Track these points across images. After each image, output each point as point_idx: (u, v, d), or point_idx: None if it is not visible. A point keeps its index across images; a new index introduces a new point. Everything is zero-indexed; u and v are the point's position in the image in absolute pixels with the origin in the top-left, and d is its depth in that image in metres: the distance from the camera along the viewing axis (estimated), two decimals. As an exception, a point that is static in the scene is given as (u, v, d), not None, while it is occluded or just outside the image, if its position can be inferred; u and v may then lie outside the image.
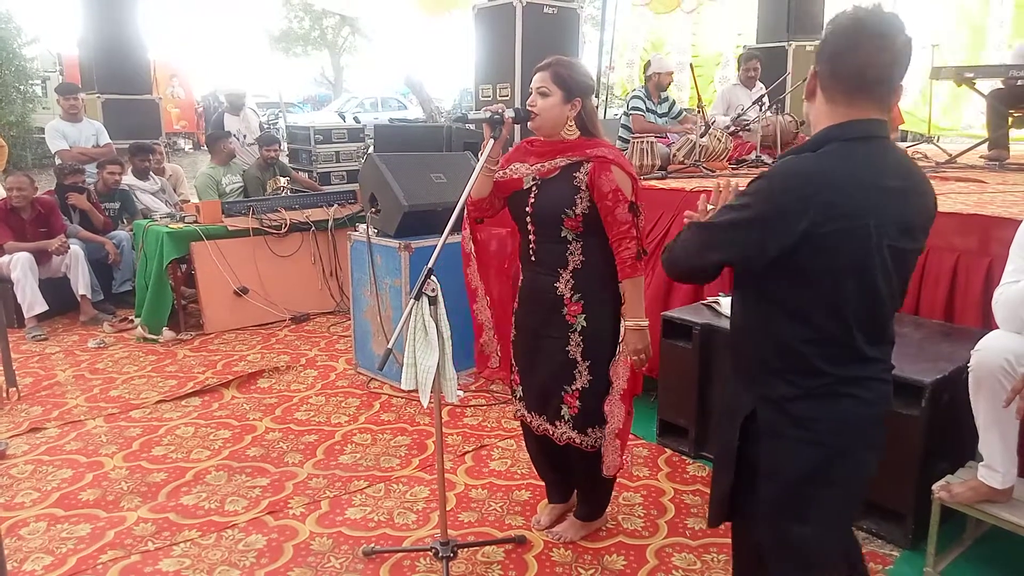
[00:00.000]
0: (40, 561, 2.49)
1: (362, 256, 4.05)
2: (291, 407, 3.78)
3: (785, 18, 7.57)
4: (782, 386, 1.51)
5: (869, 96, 1.43)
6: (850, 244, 1.41)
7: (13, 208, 5.11)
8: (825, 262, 1.42)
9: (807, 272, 1.43)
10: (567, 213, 2.21)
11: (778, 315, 1.49)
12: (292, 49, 30.25)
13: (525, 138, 2.35)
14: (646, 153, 4.40)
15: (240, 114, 7.12)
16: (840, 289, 1.43)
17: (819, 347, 1.46)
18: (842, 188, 1.40)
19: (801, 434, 1.50)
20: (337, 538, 2.61)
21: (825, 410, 1.49)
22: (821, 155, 1.43)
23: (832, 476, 1.51)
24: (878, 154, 1.45)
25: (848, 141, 1.43)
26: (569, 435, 2.35)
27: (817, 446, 1.50)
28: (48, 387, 4.09)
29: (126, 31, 7.03)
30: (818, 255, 1.41)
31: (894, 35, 1.40)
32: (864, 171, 1.42)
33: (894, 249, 1.45)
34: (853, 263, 1.42)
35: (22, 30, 15.20)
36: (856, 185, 1.41)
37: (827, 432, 1.49)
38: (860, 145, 1.43)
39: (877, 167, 1.44)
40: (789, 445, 1.51)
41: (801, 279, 1.44)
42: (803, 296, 1.46)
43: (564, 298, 2.28)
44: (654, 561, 2.47)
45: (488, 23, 5.52)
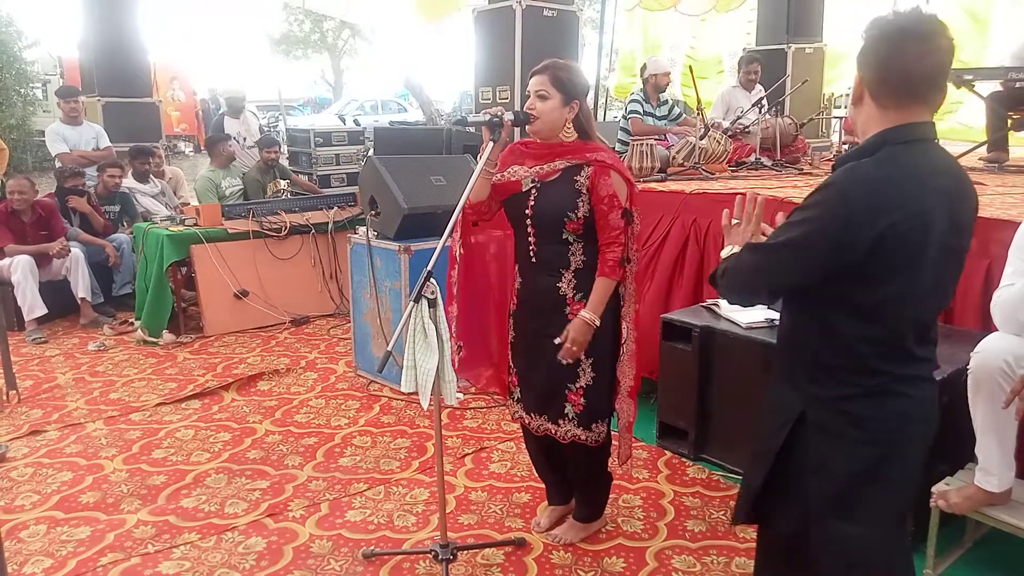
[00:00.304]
0: (40, 564, 2.50)
1: (362, 259, 4.06)
2: (291, 410, 3.78)
3: (784, 20, 7.59)
4: (836, 386, 1.52)
5: (918, 99, 1.45)
6: (912, 245, 1.42)
7: (14, 211, 5.12)
8: (891, 263, 1.42)
9: (872, 274, 1.43)
10: (569, 216, 2.23)
11: (838, 316, 1.49)
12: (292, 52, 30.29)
13: (518, 140, 2.34)
14: (645, 156, 4.41)
15: (240, 117, 7.12)
16: (902, 288, 1.45)
17: (876, 346, 1.48)
18: (906, 191, 1.42)
19: (854, 433, 1.51)
20: (337, 540, 2.61)
21: (879, 409, 1.50)
22: (880, 160, 1.44)
23: (883, 475, 1.52)
24: (930, 156, 1.47)
25: (902, 144, 1.44)
26: (574, 432, 2.36)
27: (870, 445, 1.51)
28: (48, 390, 4.09)
29: (126, 34, 7.05)
30: (885, 257, 1.41)
31: (937, 37, 1.41)
32: (920, 173, 1.44)
33: (946, 248, 1.46)
34: (913, 263, 1.43)
35: (23, 33, 15.24)
36: (916, 188, 1.42)
37: (880, 431, 1.50)
38: (914, 148, 1.45)
39: (931, 168, 1.46)
40: (841, 444, 1.52)
41: (865, 281, 1.45)
42: (865, 297, 1.46)
43: (567, 298, 2.29)
44: (654, 563, 2.47)
45: (488, 26, 5.53)
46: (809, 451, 1.57)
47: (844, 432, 1.52)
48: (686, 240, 3.72)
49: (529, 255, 2.33)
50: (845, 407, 1.52)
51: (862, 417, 1.51)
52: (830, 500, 1.55)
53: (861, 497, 1.53)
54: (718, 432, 3.11)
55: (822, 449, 1.55)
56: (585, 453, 2.42)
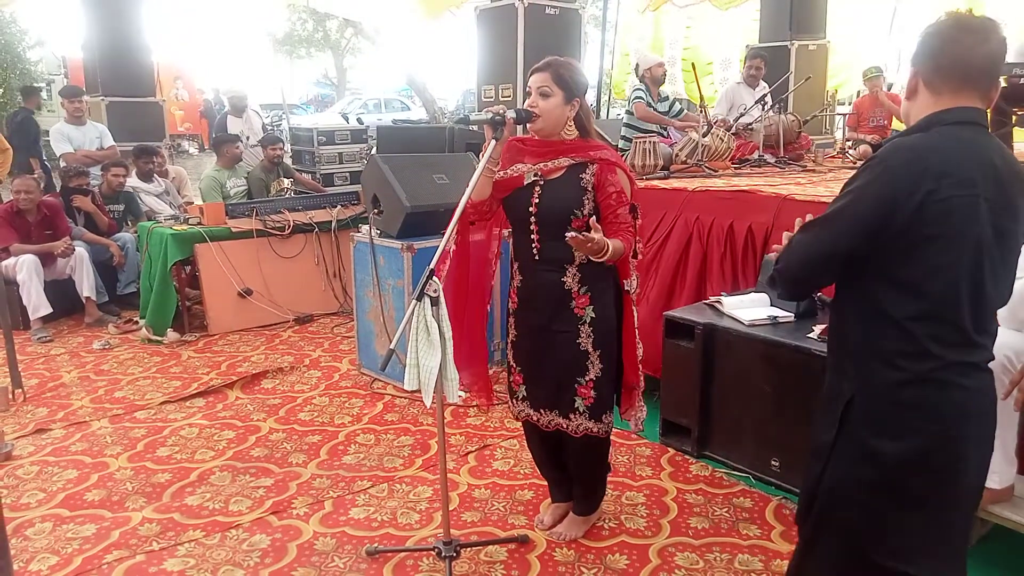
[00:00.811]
0: (46, 561, 2.51)
1: (365, 257, 4.06)
2: (295, 408, 3.79)
3: (788, 17, 7.57)
4: (887, 371, 1.50)
5: (973, 87, 1.49)
6: (961, 213, 1.43)
7: (19, 210, 5.14)
8: (938, 230, 1.43)
9: (920, 243, 1.44)
10: (576, 214, 2.24)
11: (888, 291, 1.49)
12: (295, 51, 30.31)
13: (514, 137, 2.35)
14: (648, 153, 4.41)
15: (243, 116, 7.14)
16: (950, 259, 1.44)
17: (928, 325, 1.46)
18: (950, 159, 1.44)
19: (903, 420, 1.50)
20: (341, 538, 2.62)
21: (929, 397, 1.48)
22: (929, 134, 1.49)
23: (933, 465, 1.50)
24: (979, 135, 1.50)
25: (952, 124, 1.48)
26: (586, 425, 2.37)
27: (921, 434, 1.49)
28: (53, 388, 4.11)
29: (130, 34, 7.06)
30: (928, 223, 1.42)
31: (990, 31, 1.48)
32: (967, 146, 1.47)
33: (999, 226, 1.47)
34: (963, 232, 1.43)
35: (26, 33, 15.27)
36: (961, 157, 1.45)
37: (929, 420, 1.49)
38: (964, 128, 1.48)
39: (979, 145, 1.48)
40: (889, 430, 1.51)
41: (913, 251, 1.45)
42: (910, 269, 1.46)
43: (572, 292, 2.31)
44: (657, 560, 2.47)
45: (490, 24, 5.54)
46: (857, 438, 1.55)
47: (890, 419, 1.51)
48: (689, 238, 3.72)
49: (532, 252, 2.34)
50: (892, 394, 1.50)
51: (909, 404, 1.49)
52: (875, 485, 1.54)
53: (907, 485, 1.51)
54: (721, 429, 3.11)
55: (868, 435, 1.53)
56: (591, 446, 2.44)
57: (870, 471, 1.54)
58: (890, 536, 1.55)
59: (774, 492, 2.87)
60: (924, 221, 1.42)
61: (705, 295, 3.53)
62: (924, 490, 1.52)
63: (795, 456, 2.79)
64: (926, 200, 1.41)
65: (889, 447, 1.51)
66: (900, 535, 1.55)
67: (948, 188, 1.41)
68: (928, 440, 1.49)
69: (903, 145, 1.50)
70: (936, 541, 1.56)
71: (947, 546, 1.57)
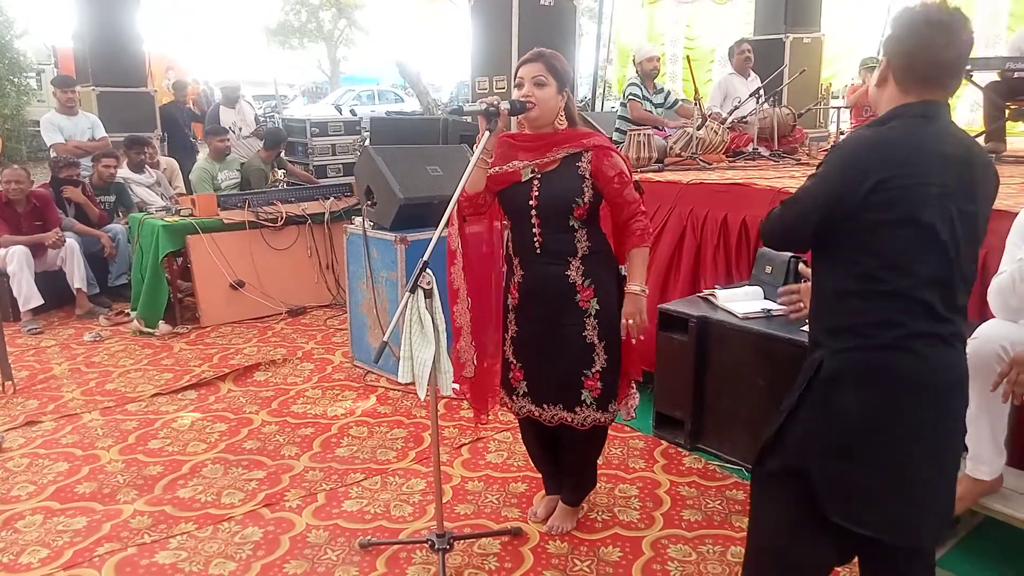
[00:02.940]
0: (36, 554, 2.50)
1: (358, 249, 4.05)
2: (287, 400, 3.78)
3: (783, 10, 7.56)
4: (855, 339, 1.59)
5: (937, 84, 1.60)
6: (912, 200, 1.54)
7: (9, 201, 5.09)
8: (893, 215, 1.54)
9: (877, 227, 1.55)
10: (577, 202, 2.25)
11: (854, 270, 1.59)
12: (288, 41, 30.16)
13: (503, 134, 2.33)
14: (643, 146, 4.40)
15: (235, 106, 7.09)
16: (908, 241, 1.54)
17: (894, 299, 1.56)
18: (903, 150, 1.56)
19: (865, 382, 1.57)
20: (333, 530, 2.62)
21: (891, 362, 1.56)
22: (886, 128, 1.61)
23: (889, 426, 1.57)
24: (938, 128, 1.60)
25: (913, 117, 1.59)
26: (594, 416, 2.39)
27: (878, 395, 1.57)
28: (44, 380, 4.08)
29: (121, 23, 7.00)
30: (886, 210, 1.54)
31: (960, 30, 1.57)
32: (925, 139, 1.57)
33: (961, 211, 1.56)
34: (916, 217, 1.53)
35: (14, 22, 15.11)
36: (917, 150, 1.56)
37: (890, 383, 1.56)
38: (924, 120, 1.59)
39: (939, 138, 1.58)
40: (850, 391, 1.58)
41: (873, 234, 1.55)
42: (877, 250, 1.56)
43: (576, 284, 2.31)
44: (650, 553, 2.47)
45: (485, 15, 5.52)
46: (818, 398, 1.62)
47: (856, 381, 1.58)
48: (683, 230, 3.71)
49: (533, 246, 2.32)
50: (861, 358, 1.58)
51: (877, 368, 1.57)
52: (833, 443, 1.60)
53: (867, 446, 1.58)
54: (714, 422, 3.12)
55: (833, 396, 1.60)
56: (593, 437, 2.47)
57: (829, 429, 1.61)
58: (845, 495, 1.61)
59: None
60: (878, 207, 1.53)
61: (699, 288, 3.53)
62: (881, 452, 1.58)
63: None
64: (877, 188, 1.53)
65: (850, 406, 1.58)
66: (855, 495, 1.61)
67: (899, 177, 1.53)
68: (887, 402, 1.57)
69: (856, 136, 1.65)
70: (893, 505, 1.60)
71: (905, 511, 1.61)
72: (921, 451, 1.58)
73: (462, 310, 2.45)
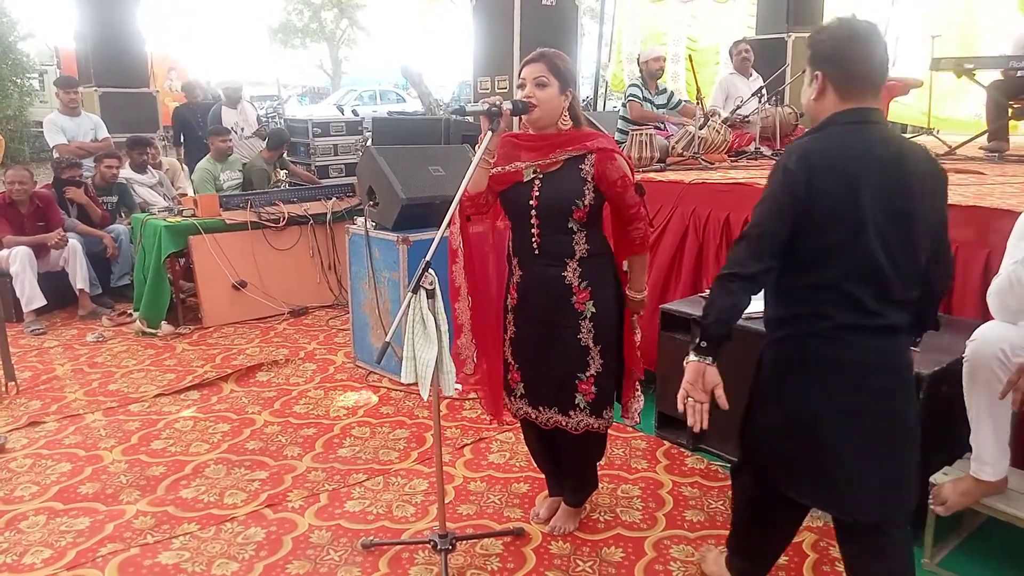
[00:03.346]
0: (39, 554, 2.50)
1: (360, 249, 4.05)
2: (290, 400, 3.78)
3: (784, 10, 7.55)
4: (790, 329, 1.79)
5: (872, 89, 1.74)
6: (842, 201, 1.67)
7: (12, 202, 5.10)
8: (824, 217, 1.68)
9: (811, 228, 1.69)
10: (577, 204, 2.24)
11: (792, 267, 1.74)
12: (291, 41, 30.19)
13: (507, 133, 2.33)
14: (645, 145, 4.40)
15: (237, 107, 7.10)
16: (838, 239, 1.68)
17: (824, 292, 1.71)
18: (834, 155, 1.70)
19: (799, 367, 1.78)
20: (336, 531, 2.62)
21: (819, 349, 1.74)
22: (820, 134, 1.76)
23: (824, 407, 1.75)
24: (868, 132, 1.73)
25: (846, 124, 1.73)
26: (587, 422, 2.36)
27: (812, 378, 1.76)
28: (47, 381, 4.09)
29: (123, 24, 7.02)
30: (818, 213, 1.68)
31: (879, 39, 1.74)
32: (856, 143, 1.71)
33: (891, 209, 1.68)
34: (845, 217, 1.67)
35: (17, 23, 15.14)
36: (847, 153, 1.70)
37: (821, 369, 1.75)
38: (857, 126, 1.73)
39: (865, 141, 1.72)
40: (789, 376, 1.80)
41: (809, 234, 1.70)
42: (810, 249, 1.71)
43: (572, 286, 2.30)
44: (652, 553, 2.47)
45: (487, 15, 5.52)
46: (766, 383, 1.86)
47: (793, 366, 1.79)
48: (685, 230, 3.71)
49: (532, 247, 2.32)
50: (795, 346, 1.79)
51: (809, 355, 1.76)
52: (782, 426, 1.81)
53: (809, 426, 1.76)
54: (717, 422, 3.08)
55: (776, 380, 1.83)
56: (588, 442, 2.44)
57: (775, 411, 1.82)
58: (792, 471, 1.82)
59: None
60: (814, 211, 1.68)
61: (701, 288, 3.52)
62: (815, 432, 1.76)
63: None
64: (807, 195, 1.67)
65: (786, 391, 1.79)
66: (802, 471, 1.81)
67: (829, 181, 1.67)
68: (817, 386, 1.75)
69: (793, 149, 1.77)
70: (829, 480, 1.78)
71: (842, 486, 1.77)
72: (851, 432, 1.74)
73: (463, 308, 2.46)
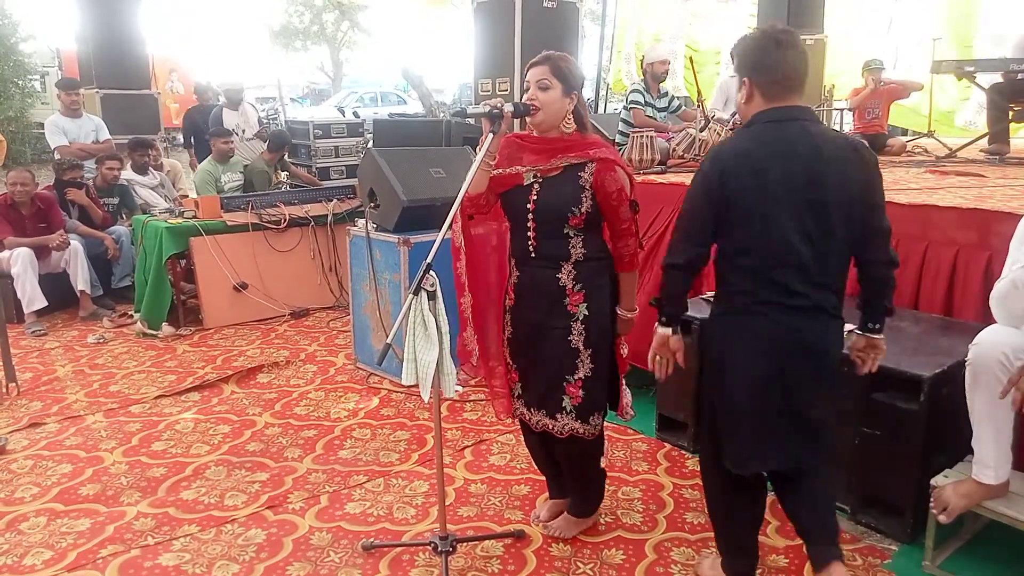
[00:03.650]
0: (40, 556, 2.50)
1: (361, 251, 4.05)
2: (290, 402, 3.78)
3: (785, 12, 7.55)
4: (717, 305, 2.06)
5: (796, 90, 1.94)
6: (756, 194, 1.88)
7: (13, 203, 5.11)
8: (741, 208, 1.90)
9: (732, 217, 1.92)
10: (573, 212, 2.23)
11: (723, 251, 2.00)
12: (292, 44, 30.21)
13: (513, 133, 2.33)
14: (645, 148, 4.40)
15: (239, 109, 7.10)
16: (760, 228, 1.89)
17: (746, 273, 1.94)
18: (749, 153, 1.91)
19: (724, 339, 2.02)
20: (336, 532, 2.62)
21: (739, 322, 1.98)
22: (740, 135, 2.00)
23: (744, 377, 1.96)
24: (786, 129, 1.91)
25: (767, 123, 1.93)
26: (572, 426, 2.34)
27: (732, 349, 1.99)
28: (47, 382, 4.09)
29: (125, 26, 7.01)
30: (736, 203, 1.90)
31: (799, 43, 1.93)
32: (773, 139, 1.91)
33: (811, 202, 1.87)
34: (758, 208, 1.88)
35: (19, 25, 15.16)
36: (763, 150, 1.90)
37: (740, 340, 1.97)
38: (777, 124, 1.92)
39: (788, 136, 1.90)
40: (716, 347, 2.05)
41: (732, 222, 1.92)
42: (734, 235, 1.94)
43: (566, 289, 2.29)
44: (653, 555, 2.47)
45: (488, 17, 5.52)
46: (704, 357, 2.11)
47: (720, 338, 2.04)
48: (686, 232, 3.71)
49: (528, 249, 2.32)
50: (721, 320, 2.05)
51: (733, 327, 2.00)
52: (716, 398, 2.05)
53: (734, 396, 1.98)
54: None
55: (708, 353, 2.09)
56: (578, 448, 2.41)
57: (708, 383, 2.08)
58: (726, 441, 2.03)
59: (770, 487, 2.86)
60: (731, 202, 1.90)
61: (701, 290, 3.52)
62: (744, 400, 1.96)
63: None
64: (721, 189, 1.90)
65: (726, 362, 2.00)
66: (733, 441, 2.02)
67: (737, 177, 1.89)
68: (750, 358, 1.95)
69: (714, 149, 2.02)
70: (765, 448, 1.98)
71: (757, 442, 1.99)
72: (771, 394, 1.94)
73: (467, 303, 2.46)
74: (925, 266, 3.07)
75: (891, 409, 2.45)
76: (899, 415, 2.43)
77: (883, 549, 2.48)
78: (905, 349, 2.59)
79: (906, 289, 3.15)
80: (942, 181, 4.10)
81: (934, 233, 3.10)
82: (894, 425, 2.45)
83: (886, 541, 2.52)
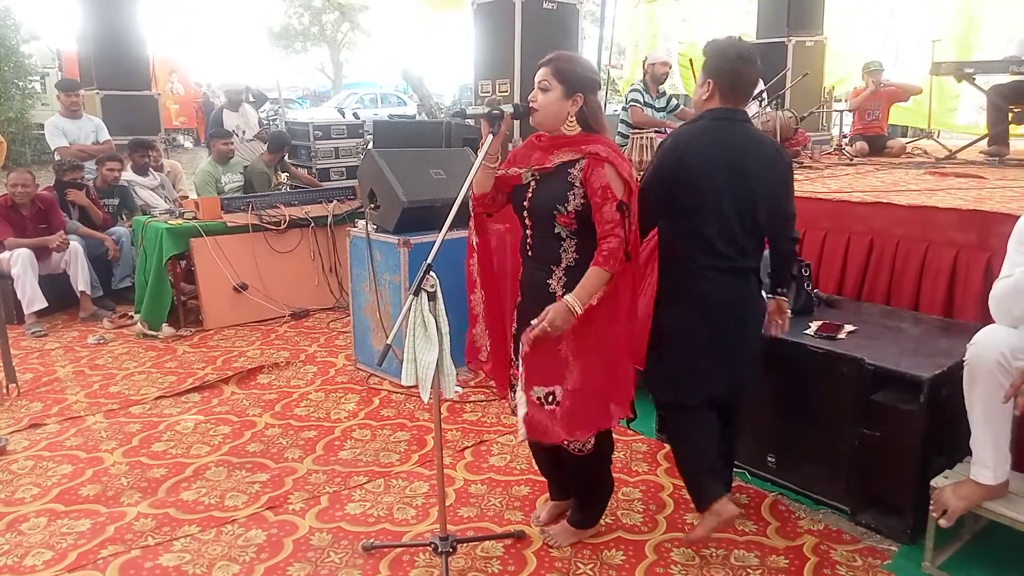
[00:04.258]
0: (40, 556, 2.50)
1: (361, 252, 4.05)
2: (291, 403, 3.79)
3: (785, 14, 7.56)
4: (668, 267, 2.40)
5: (744, 96, 2.38)
6: (700, 174, 2.28)
7: (14, 204, 5.11)
8: (689, 186, 2.29)
9: (680, 193, 2.31)
10: (559, 209, 2.19)
11: (670, 222, 2.38)
12: (292, 45, 30.23)
13: (533, 134, 2.33)
14: (645, 149, 4.41)
15: (239, 110, 7.11)
16: (698, 202, 2.29)
17: (696, 243, 2.31)
18: (697, 141, 2.32)
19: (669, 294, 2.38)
20: (336, 533, 2.62)
21: (684, 282, 2.35)
22: (695, 125, 2.39)
23: (682, 322, 2.36)
24: (736, 127, 2.34)
25: (716, 119, 2.33)
26: (562, 435, 2.29)
27: (676, 302, 2.37)
28: (48, 383, 4.09)
29: (125, 27, 7.02)
30: (684, 182, 2.29)
31: (756, 57, 2.36)
32: (720, 134, 2.31)
33: (737, 184, 2.28)
34: (701, 186, 2.28)
35: (21, 26, 15.17)
36: (708, 139, 2.31)
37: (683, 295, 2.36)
38: (724, 122, 2.32)
39: (731, 133, 2.32)
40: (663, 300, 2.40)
41: (679, 197, 2.31)
42: (681, 208, 2.32)
43: (556, 295, 2.24)
44: (653, 556, 2.47)
45: (487, 18, 5.52)
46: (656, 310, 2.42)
47: (667, 294, 2.39)
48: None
49: (527, 249, 2.32)
50: (669, 280, 2.39)
51: (677, 286, 2.37)
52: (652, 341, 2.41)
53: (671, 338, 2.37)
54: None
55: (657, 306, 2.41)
56: (578, 459, 2.37)
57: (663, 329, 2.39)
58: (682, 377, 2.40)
59: (770, 488, 2.87)
60: (680, 180, 2.29)
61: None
62: (678, 340, 2.36)
63: (791, 452, 2.79)
64: (679, 166, 2.29)
65: (662, 310, 2.38)
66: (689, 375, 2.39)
67: (691, 159, 2.29)
68: (682, 307, 2.35)
69: (673, 135, 2.43)
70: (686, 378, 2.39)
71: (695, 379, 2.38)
72: (709, 341, 2.34)
73: (478, 299, 2.45)
74: (925, 267, 3.08)
75: (891, 410, 2.45)
76: (899, 416, 2.43)
77: (883, 550, 2.48)
78: (905, 350, 2.59)
79: (906, 290, 3.16)
80: (942, 182, 4.10)
81: (934, 234, 3.11)
82: (894, 426, 2.46)
83: (886, 542, 2.52)
